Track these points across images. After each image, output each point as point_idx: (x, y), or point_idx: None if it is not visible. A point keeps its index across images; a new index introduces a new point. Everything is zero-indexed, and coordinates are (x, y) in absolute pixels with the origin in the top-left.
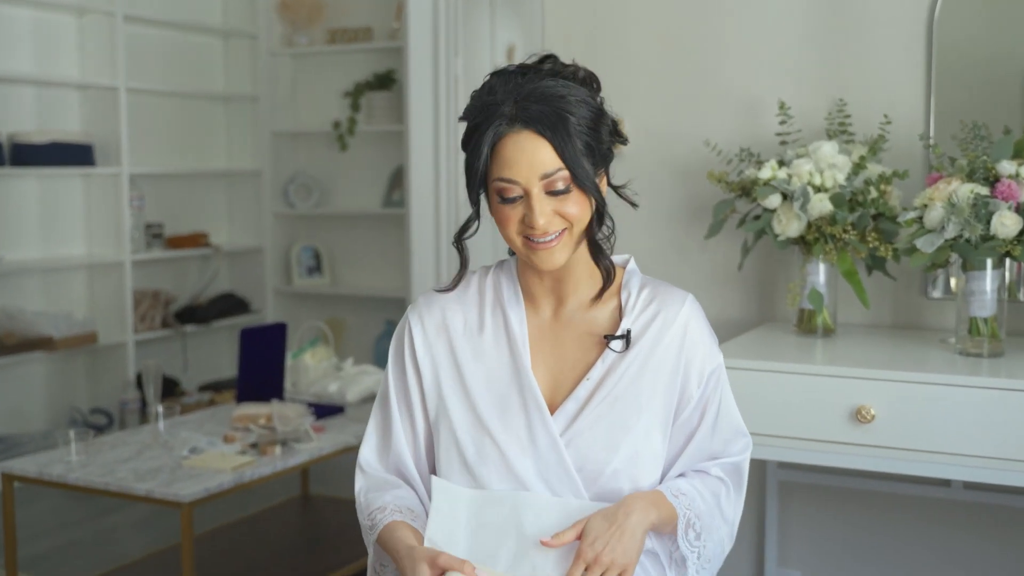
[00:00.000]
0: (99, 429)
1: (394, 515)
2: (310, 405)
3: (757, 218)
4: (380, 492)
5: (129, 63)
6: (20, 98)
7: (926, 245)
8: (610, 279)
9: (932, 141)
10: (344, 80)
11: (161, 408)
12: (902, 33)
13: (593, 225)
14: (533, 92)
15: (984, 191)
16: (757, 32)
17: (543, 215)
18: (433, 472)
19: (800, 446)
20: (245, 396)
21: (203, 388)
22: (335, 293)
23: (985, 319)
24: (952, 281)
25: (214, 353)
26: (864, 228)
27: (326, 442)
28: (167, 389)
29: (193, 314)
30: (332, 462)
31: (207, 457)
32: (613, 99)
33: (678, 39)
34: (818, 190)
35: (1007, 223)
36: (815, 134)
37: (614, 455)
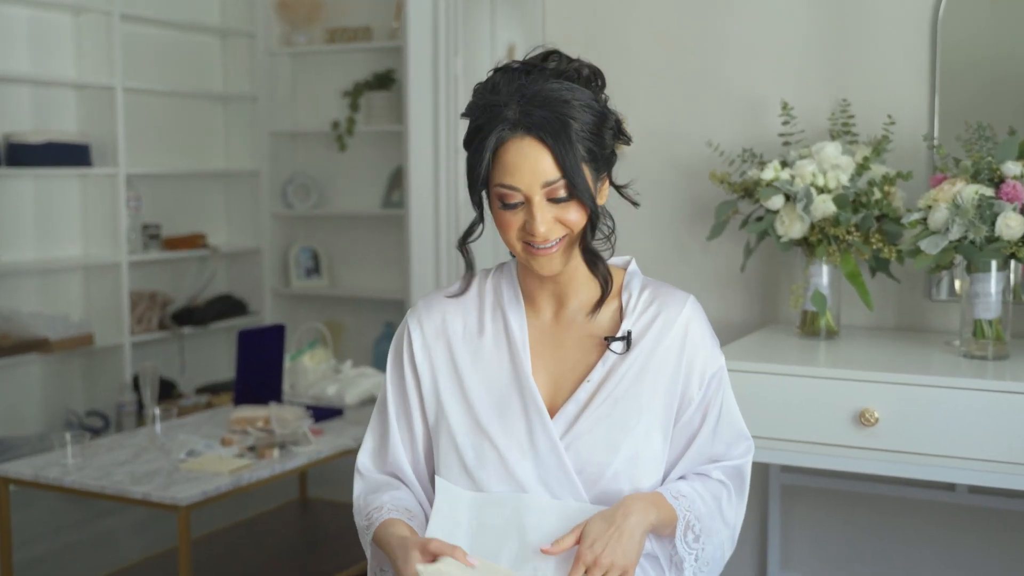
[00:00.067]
0: (95, 432)
1: (391, 514)
2: (308, 408)
3: (760, 219)
4: (378, 493)
5: (126, 62)
6: (16, 97)
7: (930, 247)
8: (608, 287)
9: (936, 142)
10: (343, 80)
11: (158, 410)
12: (906, 33)
13: (587, 234)
14: (537, 95)
15: (989, 192)
16: (759, 31)
17: (544, 223)
18: (433, 477)
19: (803, 449)
20: (243, 398)
21: (200, 390)
22: (334, 295)
23: (990, 321)
24: (956, 283)
25: (212, 355)
26: (868, 229)
27: (324, 445)
28: (164, 391)
29: (190, 316)
30: (331, 465)
31: (204, 460)
32: (614, 99)
33: (680, 39)
34: (821, 191)
35: (1012, 224)
36: (818, 135)
37: (614, 457)
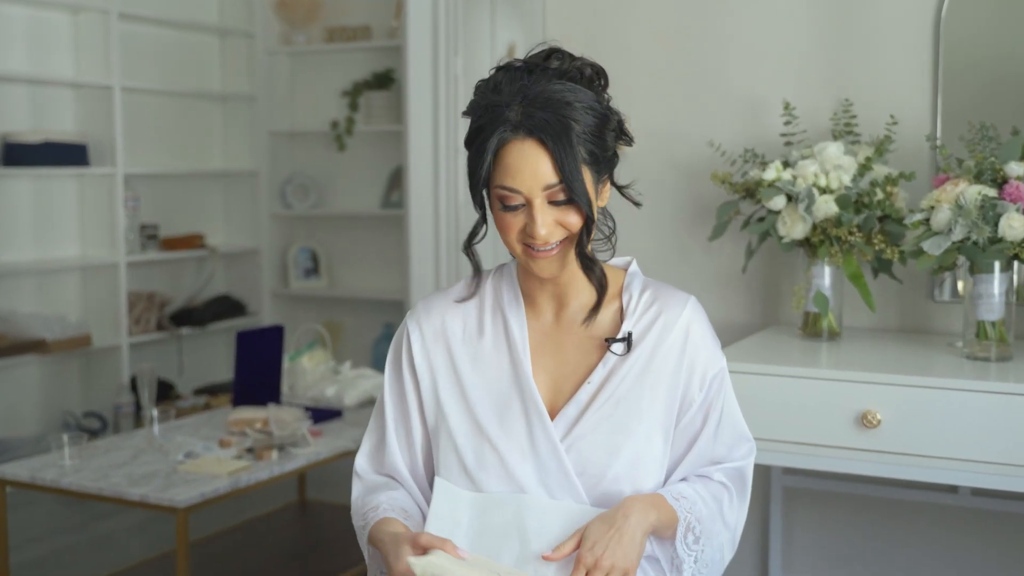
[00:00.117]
0: (93, 433)
1: (386, 513)
2: (307, 409)
3: (761, 220)
4: (375, 494)
5: (124, 62)
6: (13, 97)
7: (933, 247)
8: (603, 290)
9: (939, 142)
10: (342, 79)
11: (156, 412)
12: (909, 32)
13: (583, 238)
14: (539, 96)
15: (992, 193)
16: (761, 31)
17: (545, 225)
18: (432, 479)
19: (805, 451)
20: (241, 400)
21: (199, 392)
22: (333, 295)
23: (993, 323)
24: (959, 284)
25: (210, 356)
26: (870, 230)
27: (323, 447)
28: (162, 393)
29: (189, 316)
30: (330, 467)
31: (203, 462)
32: (615, 99)
33: (681, 38)
34: (823, 191)
35: (1015, 225)
36: (820, 135)
37: (615, 459)
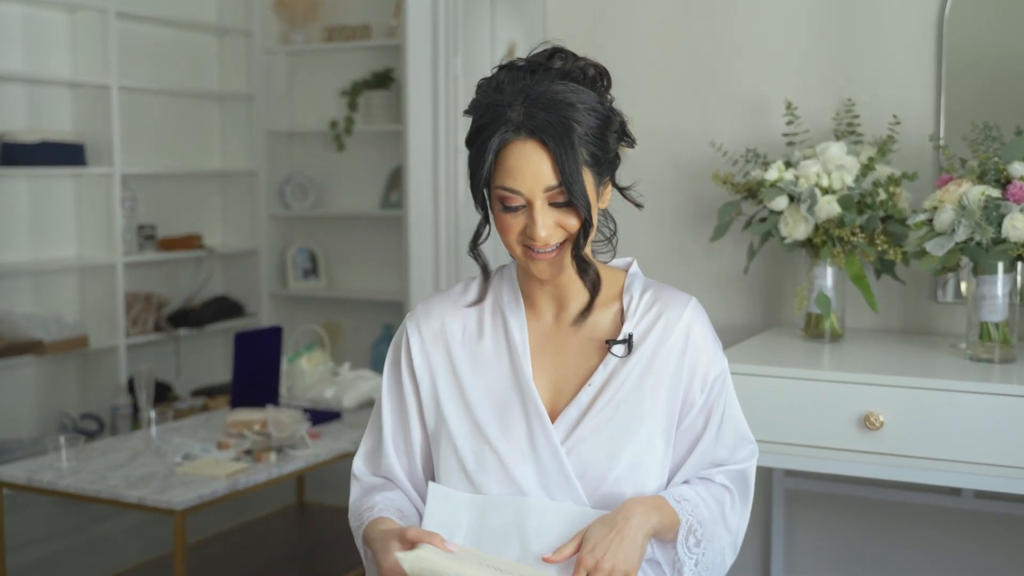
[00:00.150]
0: (90, 435)
1: (381, 513)
2: (306, 411)
3: (763, 220)
4: (371, 495)
5: (121, 61)
6: (10, 96)
7: (936, 248)
8: (596, 292)
9: (942, 142)
10: (341, 79)
11: (153, 414)
12: (911, 32)
13: (580, 240)
14: (541, 97)
15: (995, 193)
16: (763, 30)
17: (545, 227)
18: (432, 482)
19: (807, 453)
20: (239, 401)
21: (196, 393)
22: (332, 296)
23: (996, 324)
24: (963, 285)
25: (208, 357)
26: (873, 231)
27: (322, 449)
28: (159, 394)
29: (186, 317)
30: (328, 469)
31: (200, 464)
32: (616, 100)
33: (682, 37)
34: (826, 192)
35: (1019, 226)
36: (823, 135)
37: (616, 462)
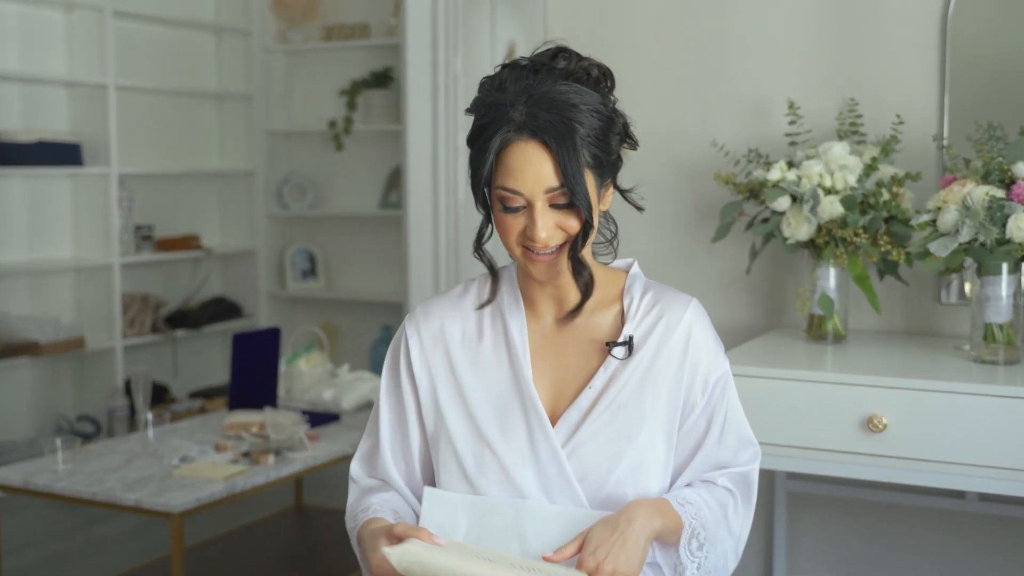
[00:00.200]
0: (86, 437)
1: (376, 513)
2: (304, 413)
3: (765, 221)
4: (367, 497)
5: (119, 60)
6: (6, 96)
7: (940, 249)
8: (587, 294)
9: (946, 142)
10: (340, 78)
11: (150, 416)
12: (915, 31)
13: (579, 242)
14: (544, 97)
15: (1000, 193)
16: (766, 29)
17: (545, 228)
18: (431, 485)
19: (810, 456)
20: (237, 403)
21: (194, 395)
22: (330, 297)
23: (1000, 325)
24: (966, 286)
25: (205, 359)
26: (876, 231)
27: (321, 451)
28: (156, 396)
29: (184, 319)
30: (327, 472)
31: (198, 466)
32: (618, 100)
33: (684, 36)
34: (828, 192)
35: (1023, 226)
36: (825, 134)
37: (617, 465)
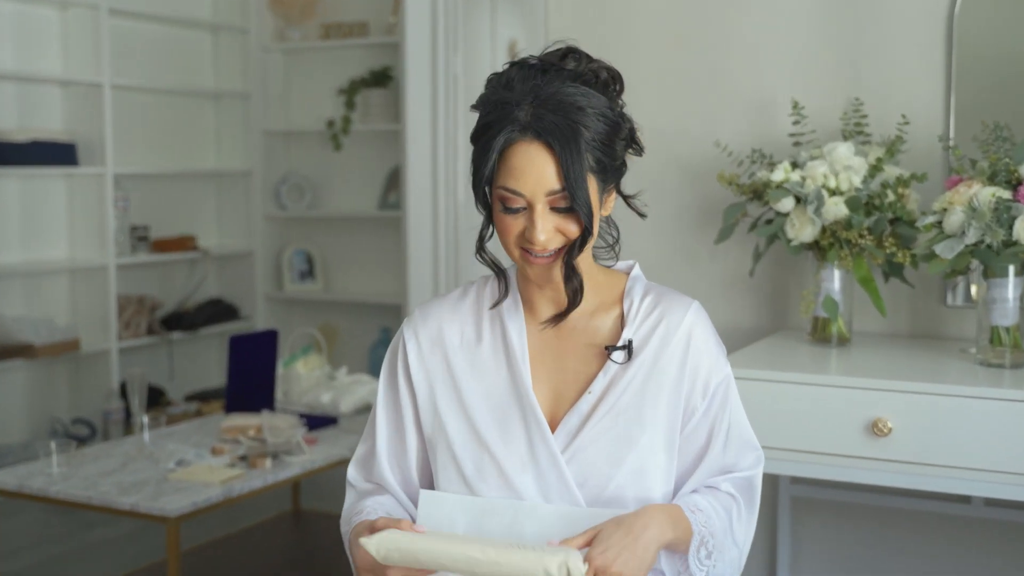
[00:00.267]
0: (81, 440)
1: (369, 516)
2: (302, 416)
3: (769, 222)
4: (362, 500)
5: (114, 58)
6: (0, 95)
7: (945, 251)
8: (576, 302)
9: (952, 142)
10: (339, 77)
11: (146, 418)
12: (921, 30)
13: (575, 248)
14: (551, 98)
15: (1006, 195)
16: (769, 28)
17: (544, 231)
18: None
19: (814, 460)
20: (234, 406)
21: (190, 398)
22: (328, 299)
23: (1007, 328)
24: (973, 288)
25: (202, 361)
26: (881, 233)
27: (319, 455)
28: (152, 399)
29: (180, 320)
30: (325, 476)
31: (194, 470)
32: (623, 102)
33: (687, 36)
34: (833, 193)
35: None
36: (830, 135)
37: (617, 470)
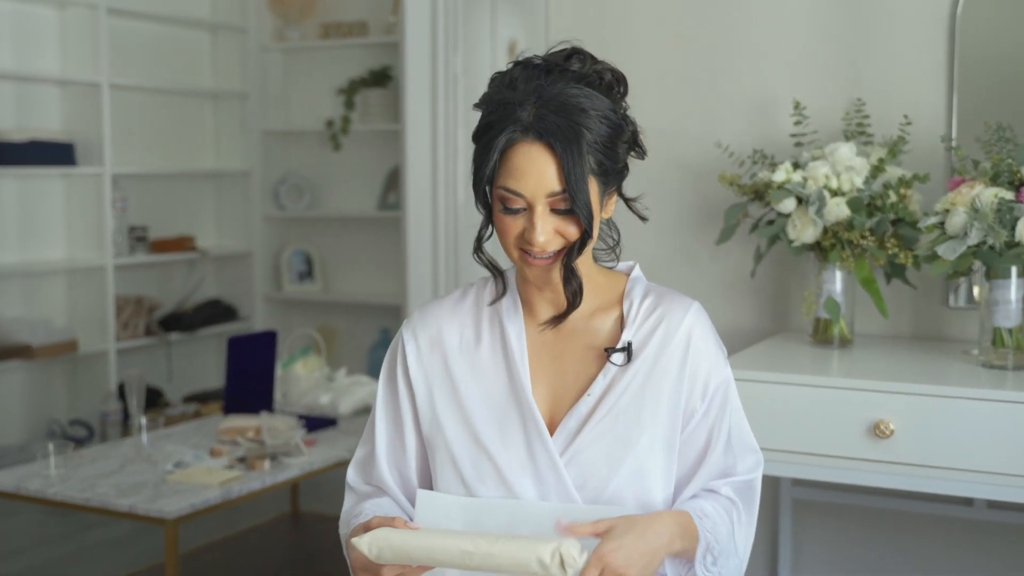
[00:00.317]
0: (79, 442)
1: (367, 518)
2: (301, 417)
3: (771, 223)
4: (361, 503)
5: (112, 58)
6: None
7: (948, 252)
8: (574, 304)
9: (954, 143)
10: (338, 77)
11: (144, 420)
12: (923, 30)
13: (575, 249)
14: (554, 99)
15: (1009, 195)
16: (771, 28)
17: (544, 233)
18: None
19: (815, 462)
20: (233, 408)
21: (188, 399)
22: (327, 300)
23: (1010, 330)
24: (975, 290)
25: (200, 362)
26: (883, 234)
27: (317, 456)
28: (151, 400)
29: (178, 321)
30: (324, 477)
31: (193, 472)
32: (628, 106)
33: (687, 35)
34: (835, 194)
35: None
36: (832, 135)
37: (616, 473)
